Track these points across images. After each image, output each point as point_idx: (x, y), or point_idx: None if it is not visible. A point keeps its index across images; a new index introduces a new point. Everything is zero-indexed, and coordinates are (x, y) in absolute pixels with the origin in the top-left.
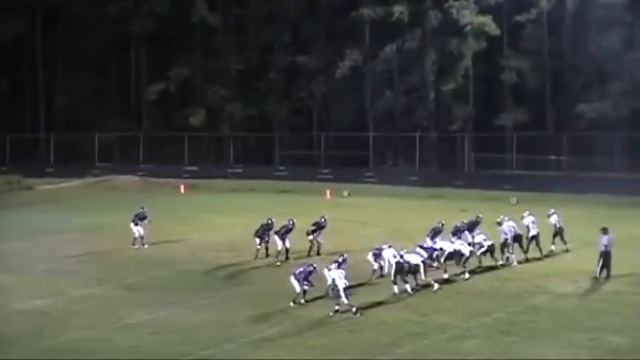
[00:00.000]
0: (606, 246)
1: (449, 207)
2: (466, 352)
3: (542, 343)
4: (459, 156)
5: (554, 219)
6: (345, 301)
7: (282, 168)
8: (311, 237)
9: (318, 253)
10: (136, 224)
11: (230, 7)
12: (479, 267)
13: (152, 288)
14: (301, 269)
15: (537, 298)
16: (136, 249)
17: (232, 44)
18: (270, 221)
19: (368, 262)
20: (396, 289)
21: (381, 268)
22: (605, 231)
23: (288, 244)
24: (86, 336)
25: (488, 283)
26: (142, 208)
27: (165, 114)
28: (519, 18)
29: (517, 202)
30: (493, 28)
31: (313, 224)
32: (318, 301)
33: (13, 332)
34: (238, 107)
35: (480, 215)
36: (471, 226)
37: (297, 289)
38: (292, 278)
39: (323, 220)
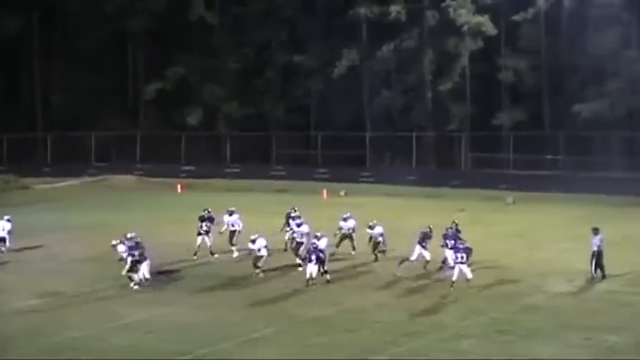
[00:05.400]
0: (599, 246)
1: (446, 206)
2: (463, 350)
3: (538, 343)
4: (456, 155)
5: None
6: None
7: (279, 167)
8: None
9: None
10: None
11: (227, 5)
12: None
13: (149, 287)
14: None
15: (534, 298)
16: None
17: (229, 43)
18: (207, 211)
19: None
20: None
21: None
22: (596, 231)
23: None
24: (83, 335)
25: (485, 283)
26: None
27: (162, 113)
28: (516, 17)
29: (514, 202)
30: (490, 28)
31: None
32: (315, 301)
33: (10, 331)
34: (235, 106)
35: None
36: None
37: None
38: None
39: (293, 210)
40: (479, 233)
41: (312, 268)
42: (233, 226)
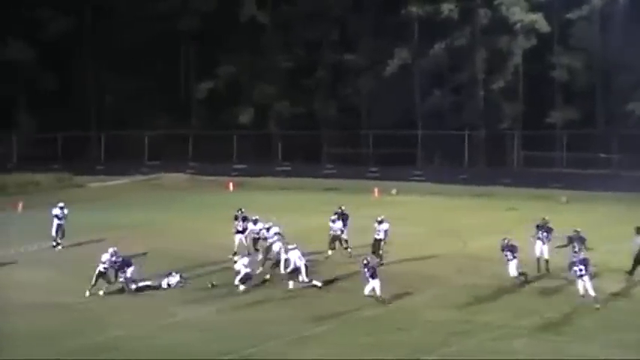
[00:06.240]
0: None
1: (497, 205)
2: (514, 351)
3: (591, 343)
4: (508, 154)
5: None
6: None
7: (330, 166)
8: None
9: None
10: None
11: (278, 4)
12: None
13: (198, 286)
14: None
15: (586, 298)
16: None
17: (280, 42)
18: (240, 211)
19: None
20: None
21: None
22: (638, 230)
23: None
24: (131, 333)
25: (536, 283)
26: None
27: (213, 112)
28: (570, 15)
29: (567, 201)
30: (543, 26)
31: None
32: (367, 300)
33: (61, 328)
34: (286, 105)
35: None
36: None
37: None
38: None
39: (340, 210)
40: (531, 232)
41: (374, 284)
42: (258, 233)
